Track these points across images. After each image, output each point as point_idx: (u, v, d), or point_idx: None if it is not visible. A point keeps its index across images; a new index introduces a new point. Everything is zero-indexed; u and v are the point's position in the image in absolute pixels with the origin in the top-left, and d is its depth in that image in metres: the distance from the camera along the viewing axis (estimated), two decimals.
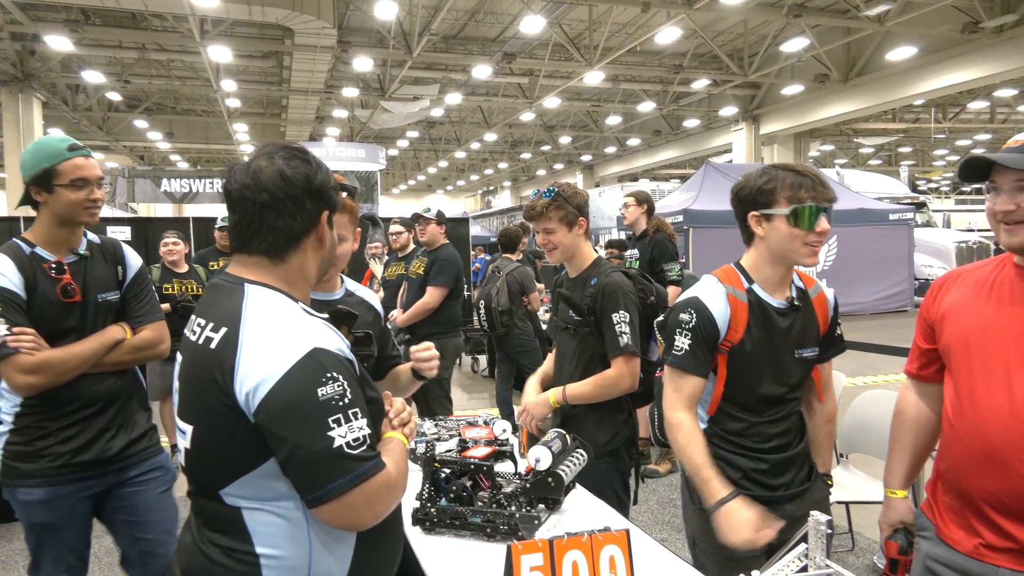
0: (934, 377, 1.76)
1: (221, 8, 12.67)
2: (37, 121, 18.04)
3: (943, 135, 27.20)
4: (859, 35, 16.41)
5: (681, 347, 1.95)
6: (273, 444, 1.19)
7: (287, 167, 1.30)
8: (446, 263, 5.02)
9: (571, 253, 2.66)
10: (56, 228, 2.17)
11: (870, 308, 13.93)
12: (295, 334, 1.22)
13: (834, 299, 2.11)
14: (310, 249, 1.37)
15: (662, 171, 33.35)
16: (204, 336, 1.27)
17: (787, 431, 2.02)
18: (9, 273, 2.07)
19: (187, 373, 1.31)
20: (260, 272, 1.33)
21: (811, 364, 2.05)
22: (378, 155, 21.57)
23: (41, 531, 2.19)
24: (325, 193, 1.36)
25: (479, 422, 2.81)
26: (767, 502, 1.97)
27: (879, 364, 8.87)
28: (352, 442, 1.19)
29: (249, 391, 1.18)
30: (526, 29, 14.65)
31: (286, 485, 1.24)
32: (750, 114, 22.21)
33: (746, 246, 2.01)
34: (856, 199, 14.71)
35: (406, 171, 40.63)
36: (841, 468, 3.63)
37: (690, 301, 1.97)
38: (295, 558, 1.27)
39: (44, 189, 2.12)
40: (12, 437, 2.14)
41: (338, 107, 23.15)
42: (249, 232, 1.31)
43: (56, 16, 14.58)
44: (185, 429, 1.29)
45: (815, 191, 1.87)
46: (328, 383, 1.19)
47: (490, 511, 2.00)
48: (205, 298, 1.37)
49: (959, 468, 1.60)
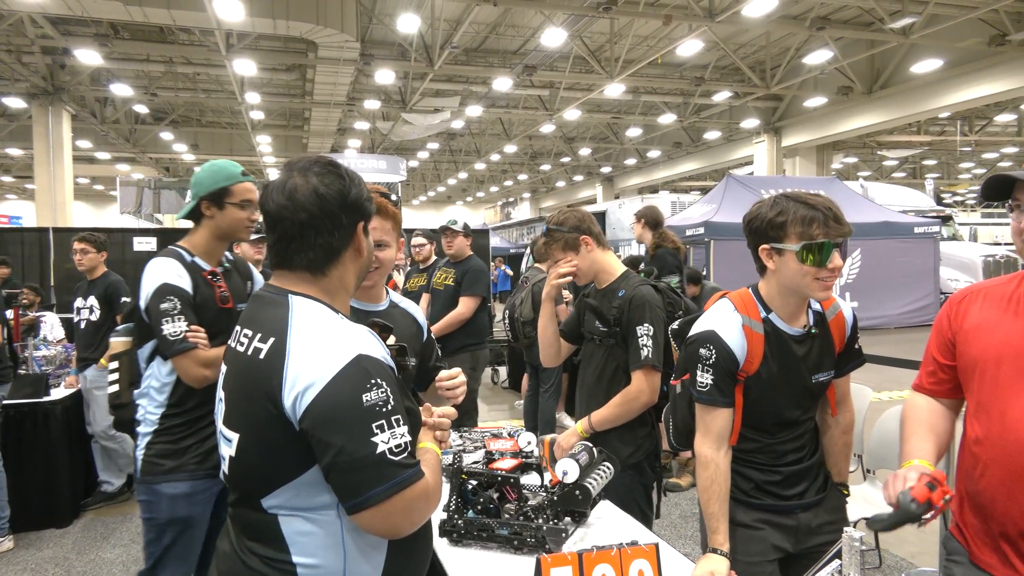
0: (948, 394, 1.72)
1: (247, 22, 12.88)
2: (66, 134, 18.40)
3: (969, 148, 26.84)
4: (883, 47, 16.29)
5: (706, 383, 1.93)
6: (318, 449, 1.21)
7: (322, 185, 1.32)
8: (479, 273, 5.03)
9: (591, 272, 2.68)
10: (215, 241, 2.40)
11: (895, 322, 13.74)
12: (340, 341, 1.24)
13: (852, 316, 2.07)
14: (349, 261, 1.40)
15: (682, 183, 33.23)
16: (252, 347, 1.29)
17: (801, 447, 2.01)
18: (183, 276, 2.29)
19: (234, 383, 1.32)
20: (303, 285, 1.36)
21: (827, 385, 2.03)
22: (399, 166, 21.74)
23: (180, 525, 2.27)
24: (360, 206, 1.38)
25: (504, 434, 2.81)
26: (781, 511, 1.97)
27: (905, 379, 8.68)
28: (394, 448, 1.21)
29: (296, 397, 1.20)
30: (547, 42, 14.72)
31: (326, 494, 1.26)
32: (772, 126, 22.09)
33: (760, 275, 1.98)
34: (880, 212, 14.56)
35: (426, 182, 40.88)
36: (867, 484, 3.58)
37: (708, 336, 1.94)
38: (331, 567, 1.28)
39: (215, 205, 2.35)
40: (158, 437, 2.28)
41: (360, 119, 23.38)
42: (290, 250, 1.34)
43: (86, 30, 14.91)
44: (231, 437, 1.31)
45: (827, 227, 1.81)
46: (372, 389, 1.21)
47: (517, 523, 2.00)
48: (250, 309, 1.40)
49: (991, 491, 1.55)
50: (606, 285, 2.69)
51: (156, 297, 2.23)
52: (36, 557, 4.16)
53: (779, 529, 1.98)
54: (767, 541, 1.96)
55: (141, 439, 2.30)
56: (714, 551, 1.87)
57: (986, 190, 1.56)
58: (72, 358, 5.20)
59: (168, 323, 2.19)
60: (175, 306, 2.22)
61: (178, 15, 12.55)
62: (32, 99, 17.94)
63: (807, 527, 1.98)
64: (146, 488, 2.28)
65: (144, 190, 17.62)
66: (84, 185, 34.74)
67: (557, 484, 2.08)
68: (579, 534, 2.08)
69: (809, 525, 1.99)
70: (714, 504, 1.90)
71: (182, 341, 2.19)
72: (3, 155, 27.28)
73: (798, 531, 1.99)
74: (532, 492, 2.16)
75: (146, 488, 2.28)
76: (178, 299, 2.23)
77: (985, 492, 1.57)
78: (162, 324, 2.19)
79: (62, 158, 18.05)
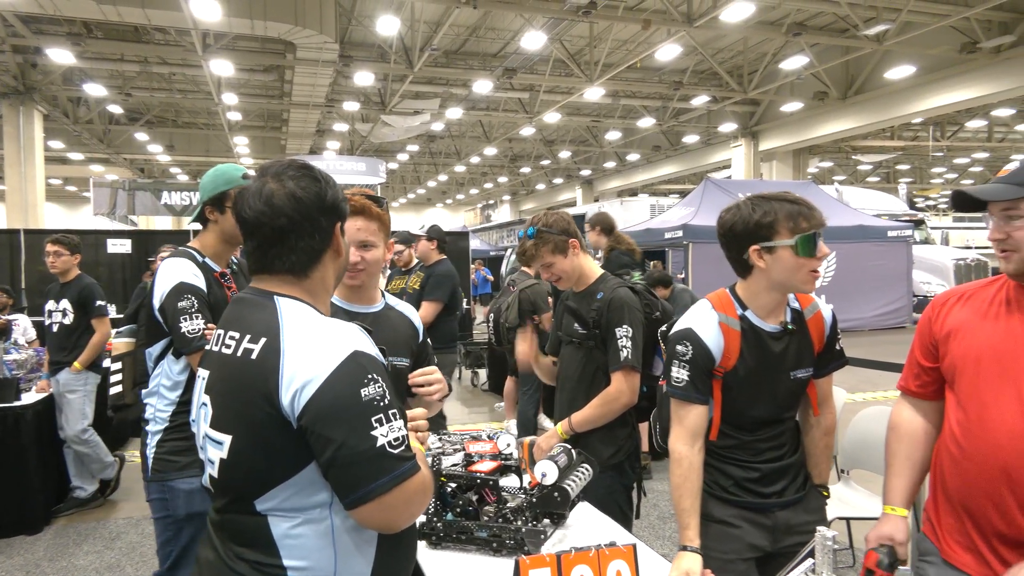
0: (933, 395, 1.75)
1: (224, 22, 12.75)
2: (38, 134, 18.09)
3: (941, 153, 27.34)
4: (858, 53, 16.55)
5: (681, 379, 1.97)
6: (317, 446, 1.21)
7: (298, 188, 1.33)
8: (441, 278, 5.02)
9: (576, 276, 2.70)
10: (221, 243, 2.45)
11: (869, 324, 13.95)
12: (335, 338, 1.26)
13: (832, 316, 2.10)
14: (329, 261, 1.41)
15: (661, 186, 33.47)
16: (242, 348, 1.28)
17: (780, 444, 2.03)
18: (198, 275, 2.33)
19: (223, 385, 1.31)
20: (286, 287, 1.36)
21: (806, 383, 2.06)
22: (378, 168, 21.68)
23: (197, 520, 2.24)
24: (337, 207, 1.40)
25: (483, 436, 2.80)
26: (759, 508, 1.99)
27: (878, 380, 8.87)
28: (393, 442, 1.22)
29: (294, 395, 1.21)
30: (527, 45, 14.76)
31: (321, 492, 1.27)
32: (749, 130, 22.35)
33: (740, 277, 2.00)
34: (855, 216, 14.78)
35: (406, 184, 40.76)
36: (842, 484, 3.63)
37: (685, 333, 1.98)
38: (322, 568, 1.28)
39: (218, 209, 2.41)
40: (170, 434, 2.29)
41: (339, 121, 23.26)
42: (270, 255, 1.35)
43: (58, 29, 14.67)
44: (222, 439, 1.29)
45: (812, 218, 1.90)
46: (370, 384, 1.22)
47: (496, 525, 2.00)
48: (231, 312, 1.39)
49: (969, 489, 1.57)
50: (584, 288, 2.71)
51: (173, 296, 2.25)
52: (6, 565, 4.08)
53: (756, 527, 2.00)
54: (743, 540, 1.98)
55: (151, 437, 2.31)
56: (685, 548, 1.89)
57: (955, 205, 1.62)
58: (44, 362, 5.11)
59: (187, 320, 2.22)
60: (193, 304, 2.25)
61: (153, 15, 12.39)
62: (2, 98, 17.60)
63: (785, 526, 2.00)
64: (159, 486, 2.27)
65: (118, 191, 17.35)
66: (56, 186, 34.14)
67: (536, 486, 2.09)
68: (558, 536, 2.08)
69: (787, 524, 2.01)
70: (686, 500, 1.93)
71: (201, 338, 2.21)
72: None
73: (775, 530, 2.00)
74: (511, 494, 2.16)
75: (159, 486, 2.27)
76: (195, 297, 2.27)
77: (962, 491, 1.59)
78: (180, 322, 2.22)
79: (33, 159, 17.75)
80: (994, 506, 1.52)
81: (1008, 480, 1.49)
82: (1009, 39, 14.17)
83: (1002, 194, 1.52)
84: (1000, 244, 1.54)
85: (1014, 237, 1.51)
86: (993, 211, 1.55)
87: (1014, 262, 1.52)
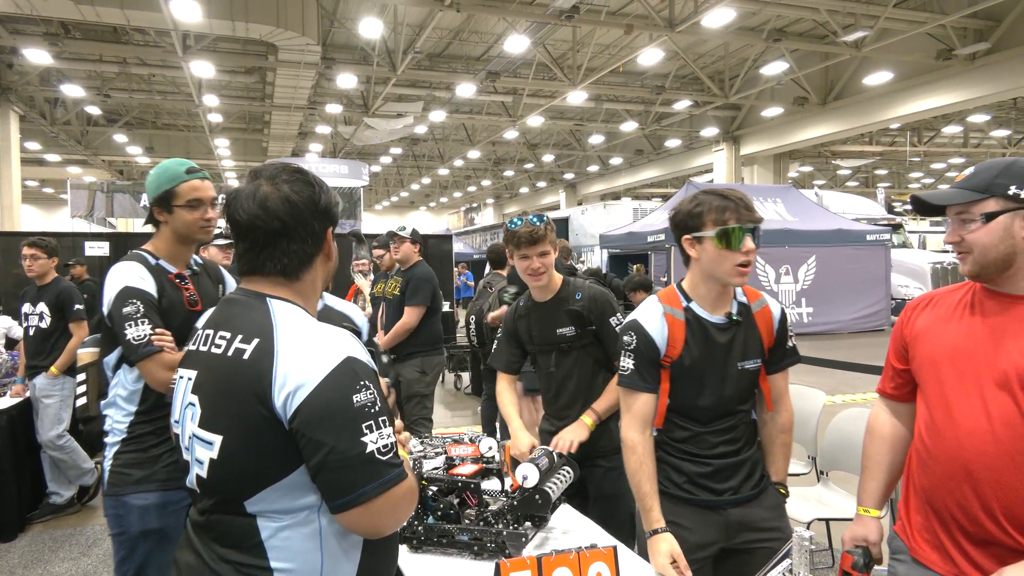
0: (907, 397, 1.79)
1: (204, 23, 12.64)
2: (14, 135, 17.80)
3: (918, 158, 27.75)
4: (837, 60, 16.75)
5: (627, 367, 2.05)
6: (307, 449, 1.23)
7: (293, 192, 1.34)
8: (421, 282, 5.01)
9: (552, 275, 2.75)
10: (176, 244, 2.33)
11: (848, 327, 14.10)
12: (329, 343, 1.27)
13: (781, 312, 2.16)
14: (319, 265, 1.43)
15: (644, 190, 33.64)
16: (233, 348, 1.29)
17: (734, 439, 2.07)
18: (146, 279, 2.21)
19: (213, 385, 1.31)
20: (278, 289, 1.37)
21: (755, 375, 2.11)
22: (361, 171, 21.58)
23: (152, 538, 2.17)
24: (329, 211, 1.41)
25: (465, 440, 2.80)
26: (713, 506, 2.04)
27: (857, 382, 8.97)
28: (382, 448, 1.24)
29: (287, 397, 1.22)
30: (510, 48, 14.78)
31: (310, 495, 1.28)
32: (731, 135, 22.54)
33: (686, 267, 2.10)
34: (834, 220, 14.94)
35: (389, 188, 40.62)
36: (821, 486, 3.67)
37: (630, 324, 2.08)
38: (308, 571, 1.29)
39: (164, 209, 2.28)
40: (126, 447, 2.20)
41: (321, 123, 23.13)
42: (262, 257, 1.36)
43: (35, 29, 14.47)
44: (212, 439, 1.28)
45: (739, 213, 1.96)
46: (361, 391, 1.24)
47: (477, 529, 2.00)
48: (220, 312, 1.40)
49: (934, 488, 1.61)
50: (552, 295, 2.75)
51: (118, 301, 2.16)
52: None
53: (708, 525, 2.04)
54: (690, 540, 2.01)
55: (109, 450, 2.21)
56: (655, 532, 1.95)
57: (915, 209, 1.68)
58: (18, 366, 5.03)
59: (131, 327, 2.12)
60: (138, 309, 2.14)
61: (132, 15, 12.25)
62: None
63: (738, 523, 2.05)
64: (114, 501, 2.18)
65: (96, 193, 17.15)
66: (33, 188, 33.65)
67: (517, 489, 2.09)
68: (539, 538, 2.09)
69: (741, 521, 2.05)
70: (646, 484, 2.00)
71: (147, 344, 2.12)
72: None
73: (729, 526, 2.05)
74: (492, 497, 2.16)
75: (114, 501, 2.18)
76: (141, 302, 2.16)
77: (927, 489, 1.63)
78: (125, 328, 2.12)
79: (9, 160, 17.46)
80: (958, 505, 1.55)
81: (970, 478, 1.53)
82: (984, 46, 14.42)
83: (955, 198, 1.57)
84: (956, 247, 1.60)
85: (967, 240, 1.56)
86: (949, 215, 1.60)
87: (969, 264, 1.57)
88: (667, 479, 2.06)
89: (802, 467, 3.93)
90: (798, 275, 13.79)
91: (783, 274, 13.66)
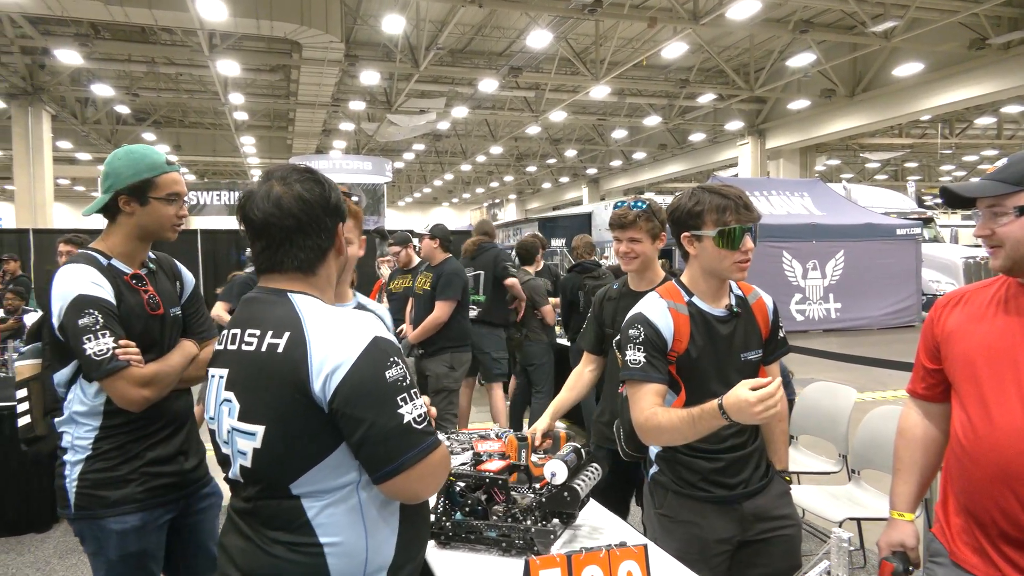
0: (939, 397, 1.75)
1: (230, 22, 12.78)
2: (46, 134, 18.17)
3: (950, 151, 27.20)
4: (866, 51, 16.46)
5: (638, 360, 2.01)
6: (348, 427, 1.31)
7: (305, 191, 1.42)
8: (452, 276, 5.03)
9: (648, 265, 2.81)
10: (135, 241, 2.07)
11: (877, 323, 13.87)
12: (356, 326, 1.36)
13: (773, 304, 2.21)
14: (332, 259, 1.51)
15: (667, 185, 33.41)
16: (266, 343, 1.36)
17: (741, 431, 2.08)
18: (102, 284, 1.95)
19: (251, 380, 1.38)
20: (297, 284, 1.45)
21: (757, 365, 2.14)
22: (384, 168, 21.69)
23: (133, 562, 2.03)
24: (339, 208, 1.50)
25: (491, 435, 2.80)
26: (728, 501, 2.05)
27: (887, 379, 8.81)
28: (417, 418, 1.34)
29: (325, 380, 1.30)
30: (533, 43, 14.73)
31: (351, 471, 1.37)
32: (756, 128, 22.26)
33: (684, 262, 2.12)
34: (863, 214, 14.70)
35: (412, 184, 40.78)
36: (852, 484, 3.60)
37: (636, 317, 2.06)
38: (354, 543, 1.37)
39: (137, 200, 2.02)
40: (92, 464, 1.98)
41: (345, 120, 23.28)
42: (279, 255, 1.43)
43: (66, 30, 14.73)
44: (254, 430, 1.36)
45: (739, 213, 1.97)
46: (393, 366, 1.33)
47: (505, 525, 1.99)
48: (246, 312, 1.46)
49: (974, 491, 1.57)
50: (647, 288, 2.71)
51: (72, 312, 1.88)
52: (17, 562, 4.09)
53: (724, 519, 2.05)
54: (709, 537, 2.03)
55: (70, 468, 1.99)
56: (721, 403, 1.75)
57: (944, 200, 1.64)
58: None
59: (91, 341, 1.86)
60: (96, 320, 1.88)
61: (160, 15, 12.43)
62: (11, 99, 17.70)
63: (753, 514, 2.07)
64: (88, 524, 2.00)
65: None
66: (65, 186, 34.30)
67: (545, 486, 2.08)
68: (567, 535, 2.07)
69: (755, 512, 2.07)
70: (682, 414, 1.87)
71: (111, 360, 1.88)
72: None
73: (744, 518, 2.06)
74: (520, 494, 2.15)
75: (88, 524, 2.00)
76: (99, 311, 1.89)
77: (967, 492, 1.59)
78: (84, 343, 1.86)
79: (42, 159, 17.83)
80: (998, 508, 1.51)
81: (1009, 480, 1.48)
82: (1019, 35, 14.06)
83: (986, 190, 1.52)
84: (987, 241, 1.55)
85: (999, 234, 1.51)
86: (980, 207, 1.56)
87: (1000, 258, 1.53)
88: (680, 478, 2.08)
89: (832, 465, 3.87)
90: (826, 270, 13.58)
91: (810, 269, 13.46)
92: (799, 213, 14.19)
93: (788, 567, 2.11)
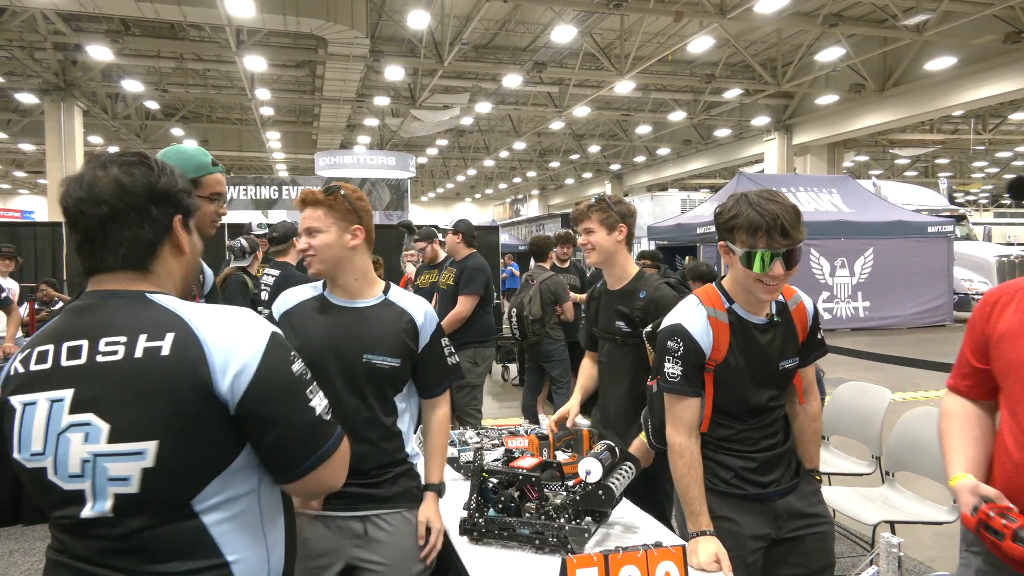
0: (983, 396, 1.69)
1: (257, 19, 12.88)
2: (78, 129, 18.49)
3: (983, 147, 26.63)
4: (896, 45, 16.14)
5: (675, 374, 2.01)
6: (260, 427, 1.23)
7: (124, 175, 1.24)
8: (475, 271, 5.03)
9: (607, 256, 2.74)
10: None
11: (908, 322, 13.64)
12: (250, 323, 1.26)
13: (813, 307, 2.17)
14: (169, 256, 1.32)
15: (692, 181, 33.12)
16: (140, 349, 1.18)
17: (774, 432, 2.09)
18: None
19: (124, 394, 1.18)
20: (135, 284, 1.27)
21: (793, 372, 2.12)
22: (408, 163, 21.73)
23: None
24: (172, 196, 1.30)
25: (521, 432, 2.78)
26: (761, 499, 2.05)
27: (919, 379, 8.66)
28: (324, 409, 1.31)
29: (232, 380, 1.20)
30: (557, 38, 14.67)
31: (250, 479, 1.27)
32: (783, 124, 21.96)
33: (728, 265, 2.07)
34: (893, 211, 14.46)
35: (435, 179, 40.88)
36: (886, 487, 3.54)
37: (675, 328, 2.02)
38: (258, 553, 1.29)
39: None
40: None
41: (369, 115, 23.38)
42: (95, 247, 1.25)
43: (97, 27, 14.96)
44: (141, 449, 1.17)
45: (770, 238, 1.85)
46: (295, 360, 1.28)
47: (539, 523, 1.97)
48: (83, 320, 1.25)
49: (1020, 500, 1.50)
50: (622, 286, 2.75)
51: None
52: (31, 551, 4.16)
53: (759, 516, 2.05)
54: (746, 534, 2.03)
55: None
56: (702, 533, 1.95)
57: (1014, 190, 1.55)
58: None
59: None
60: None
61: (189, 11, 12.57)
62: (44, 95, 18.04)
63: (786, 512, 2.07)
64: None
65: None
66: None
67: (580, 484, 2.06)
68: (600, 534, 2.06)
69: (788, 510, 2.07)
70: (694, 489, 1.99)
71: None
72: (16, 150, 27.44)
73: (777, 516, 2.06)
74: (553, 491, 2.14)
75: None
76: None
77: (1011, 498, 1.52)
78: None
79: (74, 153, 18.13)
80: None
81: None
82: None
83: None
84: None
85: None
86: None
87: None
88: (714, 476, 2.06)
89: (865, 467, 3.80)
90: (854, 268, 13.37)
91: (838, 267, 13.27)
92: (827, 210, 13.98)
93: (823, 565, 2.10)
